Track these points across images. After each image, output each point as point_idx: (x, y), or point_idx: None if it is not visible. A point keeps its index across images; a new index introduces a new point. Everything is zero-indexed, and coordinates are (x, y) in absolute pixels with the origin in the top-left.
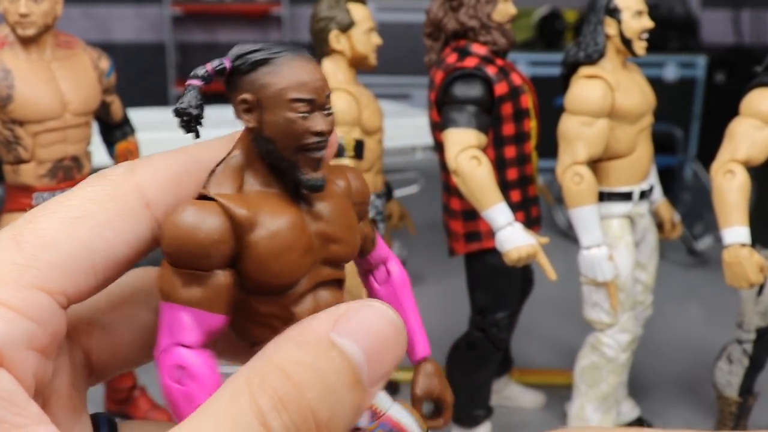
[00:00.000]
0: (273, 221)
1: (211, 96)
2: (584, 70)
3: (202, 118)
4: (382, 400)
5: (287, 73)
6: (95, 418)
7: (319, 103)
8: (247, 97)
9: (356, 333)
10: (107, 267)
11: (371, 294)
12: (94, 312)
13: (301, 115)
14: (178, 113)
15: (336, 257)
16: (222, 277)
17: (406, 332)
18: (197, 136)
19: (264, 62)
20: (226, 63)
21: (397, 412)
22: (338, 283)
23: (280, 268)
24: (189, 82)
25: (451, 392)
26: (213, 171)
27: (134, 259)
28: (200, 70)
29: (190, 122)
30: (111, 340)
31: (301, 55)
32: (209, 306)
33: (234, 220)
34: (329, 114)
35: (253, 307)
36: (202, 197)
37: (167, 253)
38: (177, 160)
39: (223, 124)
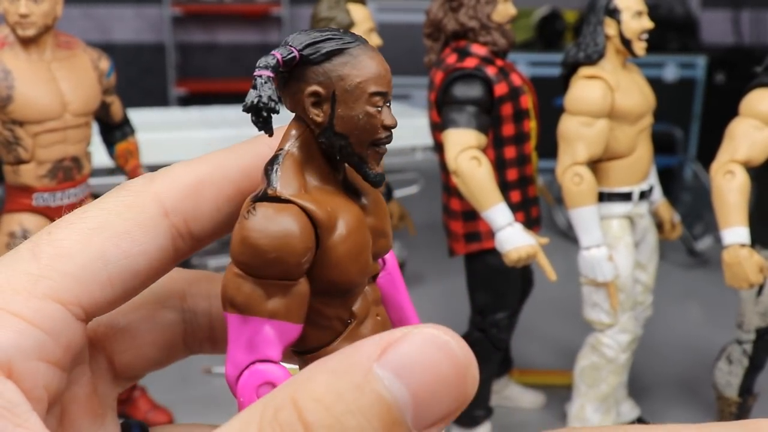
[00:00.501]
0: (345, 221)
1: (209, 96)
2: (584, 71)
3: (278, 113)
4: None
5: (366, 65)
6: (127, 426)
7: (390, 96)
8: (318, 89)
9: (405, 366)
10: (125, 278)
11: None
12: (114, 314)
13: (378, 108)
14: (256, 109)
15: (382, 251)
16: (303, 284)
17: (472, 370)
18: (272, 134)
19: (339, 52)
20: (295, 52)
21: None
22: (374, 278)
23: (358, 268)
24: (259, 73)
25: None
26: (268, 170)
27: (157, 270)
28: (270, 60)
29: (269, 118)
30: (132, 342)
31: (369, 45)
32: (294, 317)
33: (316, 223)
34: (390, 107)
35: (318, 310)
36: (274, 198)
37: (247, 263)
38: (196, 168)
39: (223, 125)
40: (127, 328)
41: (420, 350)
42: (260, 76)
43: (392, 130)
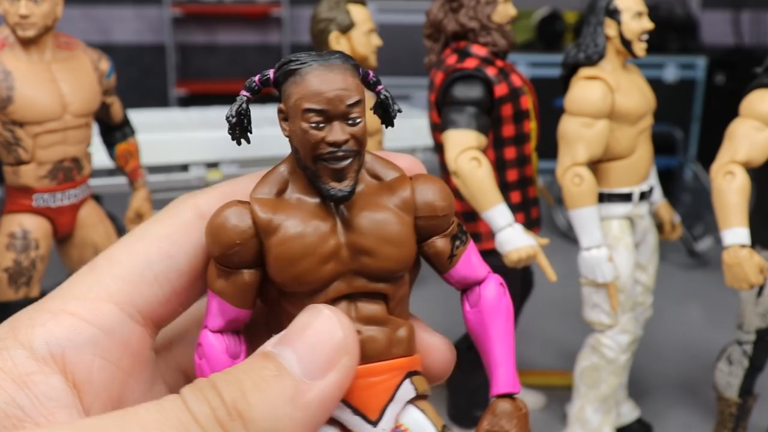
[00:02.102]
0: (294, 228)
1: (209, 97)
2: (584, 71)
3: (245, 127)
4: (421, 427)
5: (306, 84)
6: None
7: (334, 113)
8: (281, 106)
9: (289, 334)
10: (170, 277)
11: (464, 316)
12: (186, 330)
13: (312, 125)
14: (227, 123)
15: (368, 270)
16: (246, 276)
17: (342, 321)
18: (239, 143)
19: (293, 72)
20: (270, 73)
21: None
22: (383, 297)
23: (296, 273)
24: (240, 92)
25: None
26: (263, 177)
27: (199, 269)
28: (250, 82)
29: (234, 131)
30: None
31: (329, 63)
32: (232, 300)
33: (256, 224)
34: (354, 124)
35: (284, 307)
36: (244, 201)
37: (206, 245)
38: (232, 183)
39: (223, 126)
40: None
41: (301, 319)
42: (239, 96)
43: (340, 146)
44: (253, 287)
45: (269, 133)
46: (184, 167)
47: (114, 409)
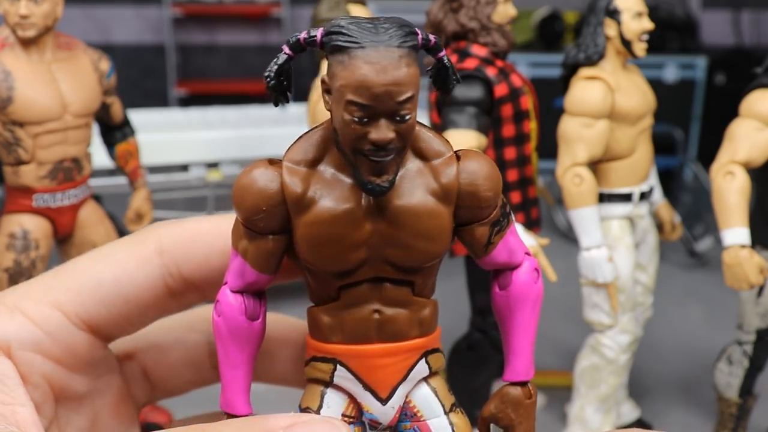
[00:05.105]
0: (327, 211)
1: (210, 97)
2: (584, 72)
3: (285, 87)
4: (429, 405)
5: (353, 70)
6: (146, 429)
7: (381, 110)
8: (325, 78)
9: None
10: (116, 302)
11: (491, 296)
12: (147, 332)
13: (356, 118)
14: (265, 80)
15: (395, 261)
16: (270, 242)
17: None
18: (276, 104)
19: (340, 50)
20: (318, 35)
21: (441, 426)
22: (409, 284)
23: (323, 256)
24: (283, 48)
25: (528, 429)
26: (300, 137)
27: (147, 301)
28: (293, 37)
29: (273, 91)
30: (164, 357)
31: (383, 48)
32: (254, 263)
33: (285, 193)
34: (403, 120)
35: (308, 275)
36: (276, 159)
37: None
38: (200, 223)
39: (223, 126)
40: (158, 345)
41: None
42: (280, 54)
43: (381, 145)
44: (277, 253)
45: (269, 133)
46: (184, 167)
47: (55, 397)
